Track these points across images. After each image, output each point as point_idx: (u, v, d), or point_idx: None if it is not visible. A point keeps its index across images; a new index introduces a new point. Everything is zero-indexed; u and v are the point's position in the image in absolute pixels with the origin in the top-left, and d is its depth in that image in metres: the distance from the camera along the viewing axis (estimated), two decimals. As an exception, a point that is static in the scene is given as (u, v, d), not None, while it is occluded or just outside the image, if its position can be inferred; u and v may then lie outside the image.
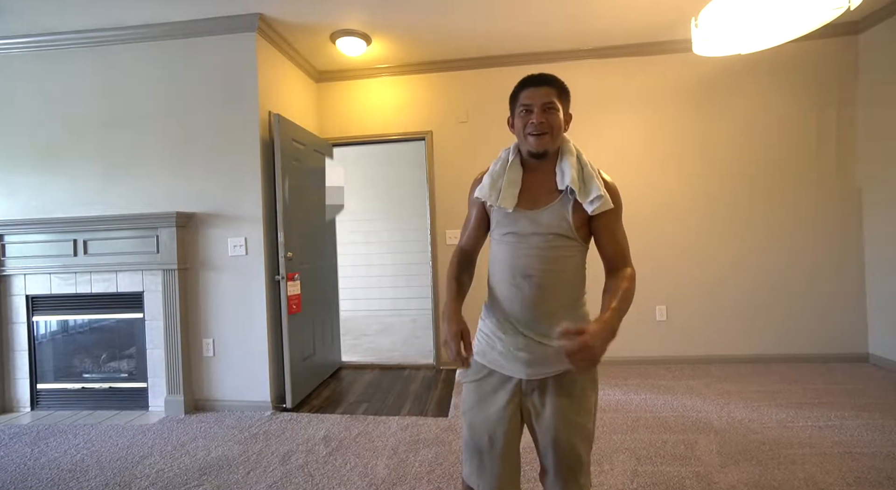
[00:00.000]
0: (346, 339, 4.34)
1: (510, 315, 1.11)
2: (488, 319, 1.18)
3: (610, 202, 1.06)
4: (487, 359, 1.15)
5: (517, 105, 1.12)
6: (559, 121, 1.09)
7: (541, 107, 1.07)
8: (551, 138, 1.08)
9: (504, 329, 1.12)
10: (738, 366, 3.20)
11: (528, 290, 1.08)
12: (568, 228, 1.07)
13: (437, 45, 3.21)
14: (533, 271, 1.07)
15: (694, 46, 2.11)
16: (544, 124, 1.06)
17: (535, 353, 1.08)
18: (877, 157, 3.06)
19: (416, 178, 5.77)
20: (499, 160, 1.18)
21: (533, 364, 1.08)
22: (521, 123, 1.10)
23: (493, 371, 1.14)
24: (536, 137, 1.07)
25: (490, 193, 1.13)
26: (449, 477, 1.90)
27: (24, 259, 2.85)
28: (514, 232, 1.10)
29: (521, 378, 1.10)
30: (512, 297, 1.10)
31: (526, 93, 1.09)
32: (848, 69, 3.16)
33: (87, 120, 2.88)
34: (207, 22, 2.73)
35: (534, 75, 1.11)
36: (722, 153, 3.29)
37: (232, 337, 2.79)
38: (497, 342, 1.13)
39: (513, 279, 1.09)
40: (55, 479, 2.00)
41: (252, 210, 2.76)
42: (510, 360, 1.10)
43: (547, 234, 1.07)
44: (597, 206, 1.04)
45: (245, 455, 2.18)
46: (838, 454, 1.96)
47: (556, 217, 1.07)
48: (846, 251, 3.20)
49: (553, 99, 1.07)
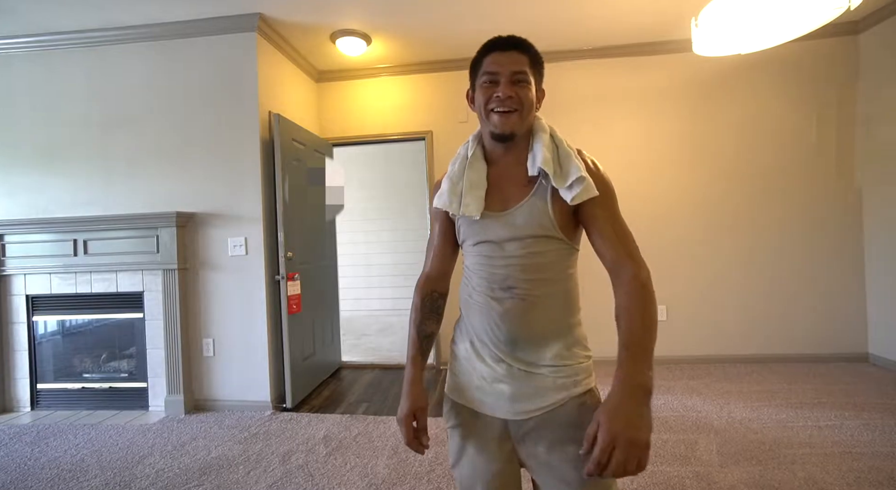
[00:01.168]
0: (346, 339, 4.34)
1: (488, 337, 0.89)
2: (461, 342, 0.95)
3: (593, 188, 0.83)
4: (464, 397, 0.92)
5: (479, 74, 0.89)
6: (531, 96, 0.86)
7: (508, 77, 0.84)
8: (520, 117, 0.85)
9: (480, 356, 0.90)
10: (738, 366, 3.20)
11: (510, 305, 0.86)
12: (550, 226, 0.85)
13: (437, 45, 3.21)
14: (514, 282, 0.86)
15: (694, 46, 2.11)
16: (513, 99, 0.84)
17: (519, 385, 0.85)
18: (877, 157, 3.05)
19: (416, 178, 5.77)
20: (457, 158, 0.96)
21: (518, 398, 0.85)
22: (484, 97, 0.87)
23: (476, 412, 0.90)
24: (501, 115, 0.85)
25: (451, 200, 0.92)
26: (449, 477, 1.90)
27: (24, 259, 2.85)
28: (488, 240, 0.89)
29: (505, 419, 0.87)
30: (490, 314, 0.88)
31: (491, 58, 0.86)
32: (848, 69, 3.16)
33: (87, 120, 2.88)
34: (207, 22, 2.73)
35: (501, 38, 0.87)
36: (722, 153, 3.29)
37: (232, 337, 2.79)
38: (473, 372, 0.91)
39: (491, 293, 0.88)
40: (55, 479, 2.00)
41: (252, 210, 2.76)
42: (489, 394, 0.88)
43: (526, 238, 0.86)
44: (577, 191, 0.82)
45: (245, 455, 2.18)
46: (838, 454, 1.96)
47: (534, 214, 0.85)
48: (846, 251, 3.20)
49: (525, 68, 0.85)
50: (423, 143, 3.59)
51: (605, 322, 0.93)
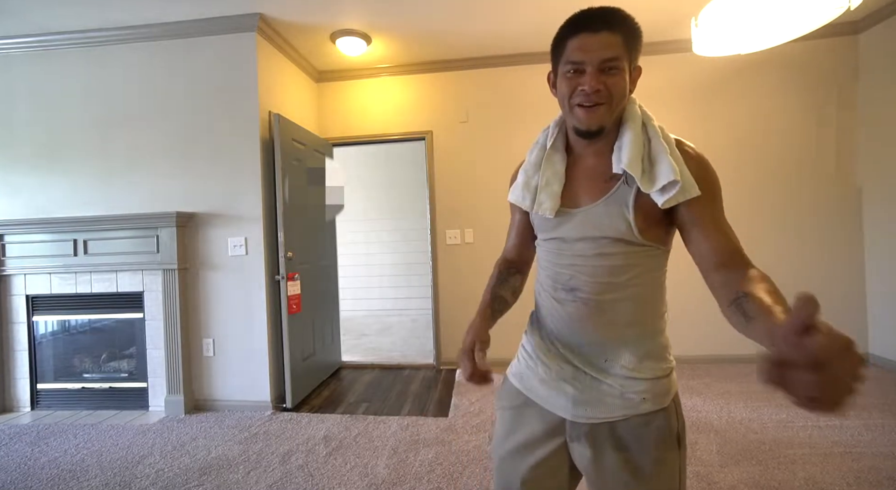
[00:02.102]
0: (346, 339, 4.34)
1: (554, 335, 0.85)
2: (532, 335, 0.91)
3: (693, 187, 0.73)
4: (525, 384, 0.88)
5: (562, 60, 0.76)
6: (623, 85, 0.74)
7: (597, 66, 0.72)
8: (609, 110, 0.75)
9: (547, 350, 0.86)
10: (738, 366, 3.20)
11: (572, 309, 0.81)
12: (628, 230, 0.76)
13: (437, 45, 3.21)
14: (578, 284, 0.81)
15: (694, 46, 2.11)
16: (601, 93, 0.73)
17: (584, 388, 0.81)
18: (877, 157, 3.05)
19: (416, 178, 5.77)
20: (535, 146, 0.88)
21: (580, 403, 0.80)
22: (568, 89, 0.76)
23: (531, 401, 0.87)
24: (587, 110, 0.75)
25: (524, 196, 0.86)
26: (449, 477, 1.90)
27: (24, 259, 2.85)
28: (558, 237, 0.83)
29: (563, 418, 0.83)
30: (554, 313, 0.85)
31: (577, 42, 0.73)
32: (848, 69, 3.16)
33: (87, 120, 2.88)
34: (207, 22, 2.73)
35: (591, 11, 0.73)
36: (722, 153, 3.29)
37: (232, 337, 2.79)
38: (539, 365, 0.86)
39: (554, 292, 0.84)
40: (55, 479, 2.00)
41: (252, 210, 2.76)
42: (552, 390, 0.84)
43: (599, 239, 0.78)
44: (670, 195, 0.73)
45: (245, 455, 2.18)
46: (838, 454, 1.96)
47: (611, 215, 0.77)
48: (846, 251, 3.20)
49: (617, 53, 0.72)
50: (424, 143, 3.59)
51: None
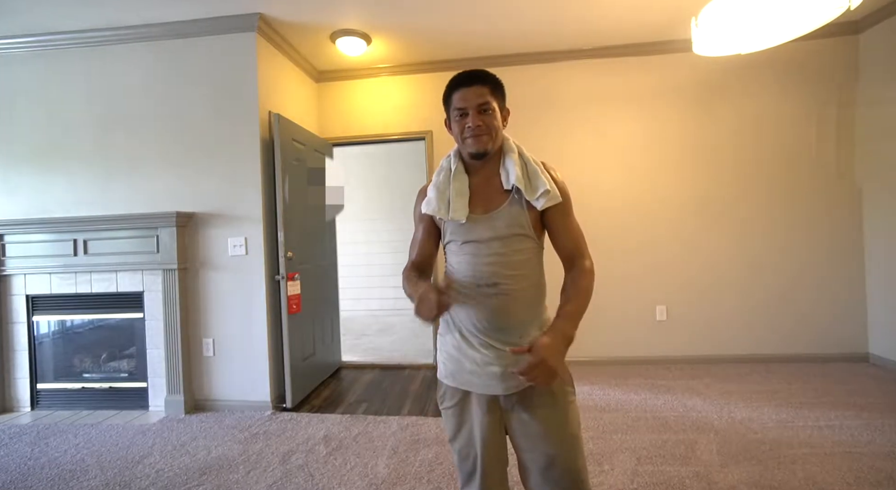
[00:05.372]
0: (346, 339, 4.34)
1: (476, 327, 1.06)
2: (449, 335, 1.12)
3: (558, 195, 1.04)
4: (459, 380, 1.09)
5: (451, 108, 1.08)
6: (497, 121, 1.06)
7: (475, 109, 1.03)
8: (490, 138, 1.05)
9: (470, 344, 1.06)
10: (738, 366, 3.20)
11: (496, 301, 1.03)
12: (526, 227, 1.04)
13: (437, 45, 3.21)
14: (498, 278, 1.03)
15: (694, 46, 2.11)
16: (482, 127, 1.03)
17: (509, 364, 1.01)
18: (877, 157, 3.05)
19: (416, 178, 5.75)
20: (441, 170, 1.14)
21: (507, 377, 1.02)
22: (459, 127, 1.07)
23: (467, 392, 1.09)
24: (475, 138, 1.04)
25: (439, 207, 1.09)
26: (449, 477, 1.90)
27: (24, 259, 2.85)
28: (473, 240, 1.06)
29: (497, 394, 1.05)
30: (479, 308, 1.05)
31: (458, 95, 1.05)
32: (848, 69, 3.16)
33: (87, 120, 2.88)
34: (207, 22, 2.73)
35: (463, 74, 1.06)
36: (722, 153, 3.29)
37: (232, 337, 2.79)
38: (465, 359, 1.07)
39: (477, 289, 1.04)
40: (55, 479, 2.00)
41: (252, 210, 2.76)
42: (482, 376, 1.04)
43: (507, 237, 1.04)
44: (546, 200, 1.02)
45: (245, 455, 2.18)
46: (838, 454, 1.96)
47: (514, 216, 1.04)
48: (846, 251, 3.20)
49: (487, 99, 1.03)
50: (423, 143, 3.59)
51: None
